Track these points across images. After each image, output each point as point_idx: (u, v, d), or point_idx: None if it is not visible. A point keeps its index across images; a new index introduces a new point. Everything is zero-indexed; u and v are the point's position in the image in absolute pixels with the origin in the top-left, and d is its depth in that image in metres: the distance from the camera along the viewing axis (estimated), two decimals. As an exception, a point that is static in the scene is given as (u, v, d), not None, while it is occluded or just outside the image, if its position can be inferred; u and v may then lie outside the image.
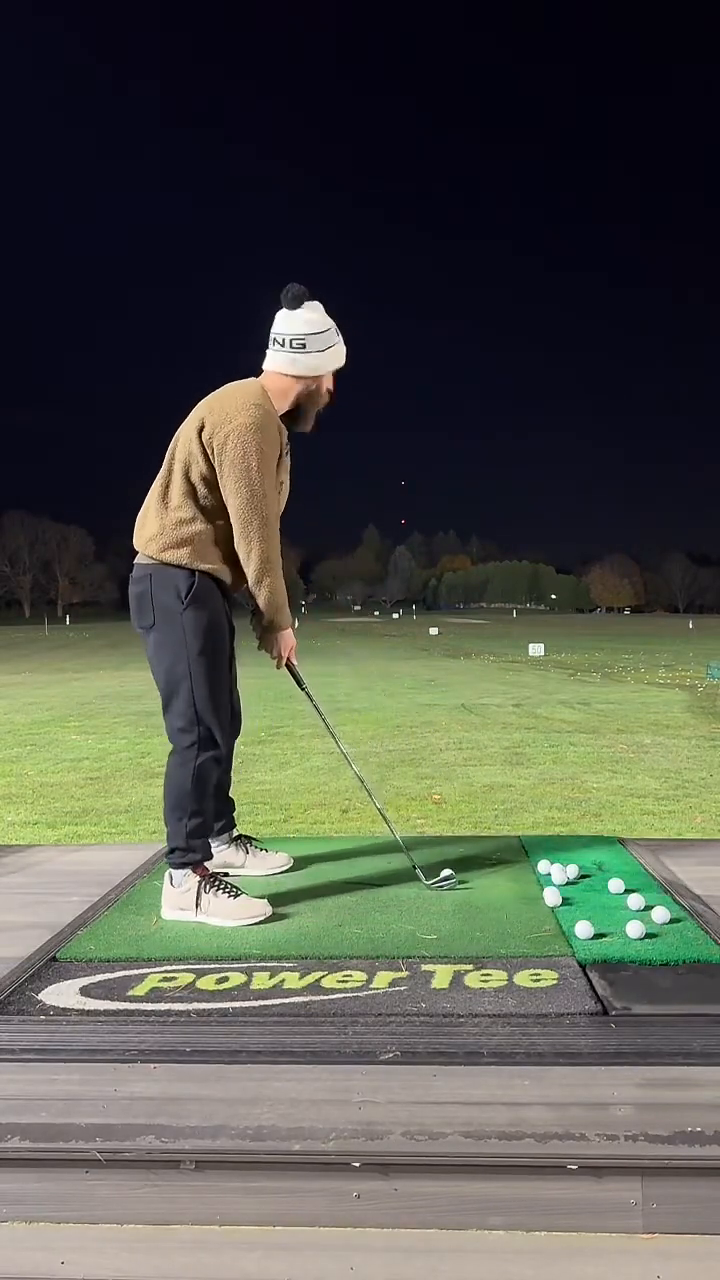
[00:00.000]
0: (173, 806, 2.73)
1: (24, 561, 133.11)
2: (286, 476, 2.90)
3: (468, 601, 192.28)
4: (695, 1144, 1.56)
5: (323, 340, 2.82)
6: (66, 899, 2.88)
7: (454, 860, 3.20)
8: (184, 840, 2.71)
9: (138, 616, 2.77)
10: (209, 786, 2.77)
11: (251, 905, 2.64)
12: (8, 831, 5.81)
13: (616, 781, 7.24)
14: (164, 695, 2.75)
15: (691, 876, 2.97)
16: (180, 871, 2.70)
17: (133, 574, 2.78)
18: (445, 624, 70.64)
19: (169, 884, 2.72)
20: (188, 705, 2.70)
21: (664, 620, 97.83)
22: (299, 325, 2.80)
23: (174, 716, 2.73)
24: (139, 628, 2.79)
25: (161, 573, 2.71)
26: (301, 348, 2.80)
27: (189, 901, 2.66)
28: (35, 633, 61.22)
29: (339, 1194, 1.60)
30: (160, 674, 2.74)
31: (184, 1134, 1.61)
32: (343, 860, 3.26)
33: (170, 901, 2.70)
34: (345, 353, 2.89)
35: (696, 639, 39.57)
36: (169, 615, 2.70)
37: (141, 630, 2.78)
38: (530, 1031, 1.89)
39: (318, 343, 2.82)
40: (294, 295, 2.78)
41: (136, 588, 2.77)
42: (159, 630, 2.72)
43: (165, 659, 2.72)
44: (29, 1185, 1.64)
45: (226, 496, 2.69)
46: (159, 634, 2.72)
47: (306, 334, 2.80)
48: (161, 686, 2.74)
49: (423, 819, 5.93)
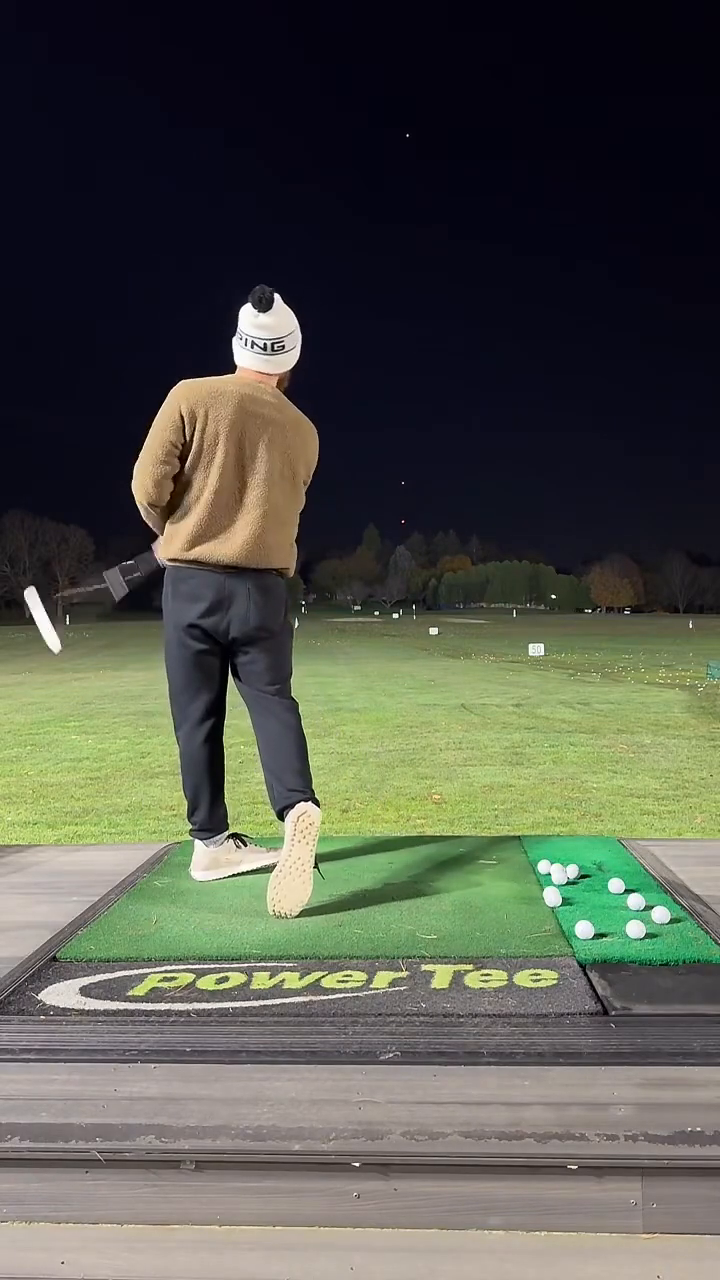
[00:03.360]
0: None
1: (24, 561, 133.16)
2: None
3: (468, 601, 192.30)
4: (695, 1144, 1.56)
5: (294, 338, 2.99)
6: (66, 899, 2.88)
7: (454, 860, 3.20)
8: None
9: (275, 619, 2.96)
10: None
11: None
12: (8, 831, 5.81)
13: (616, 781, 7.24)
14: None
15: (691, 876, 2.97)
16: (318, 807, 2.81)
17: (268, 583, 2.96)
18: (445, 624, 70.64)
19: (310, 811, 2.73)
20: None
21: (664, 620, 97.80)
22: (278, 329, 2.92)
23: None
24: (266, 629, 2.95)
25: (280, 583, 3.04)
26: (281, 349, 2.94)
27: (314, 834, 2.74)
28: (35, 633, 61.18)
29: (339, 1194, 1.60)
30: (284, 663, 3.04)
31: (184, 1134, 1.61)
32: (343, 860, 3.26)
33: (311, 828, 2.73)
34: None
35: (696, 639, 39.58)
36: (285, 626, 3.04)
37: (265, 631, 2.95)
38: (530, 1031, 1.88)
39: (291, 341, 2.98)
40: (266, 299, 2.84)
41: (277, 595, 2.98)
42: (287, 628, 3.05)
43: (290, 645, 3.08)
44: (29, 1185, 1.64)
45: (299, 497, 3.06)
46: (287, 631, 3.05)
47: (283, 336, 2.94)
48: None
49: (423, 819, 5.93)
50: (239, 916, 2.65)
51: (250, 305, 2.87)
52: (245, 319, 2.92)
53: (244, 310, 2.91)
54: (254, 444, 2.87)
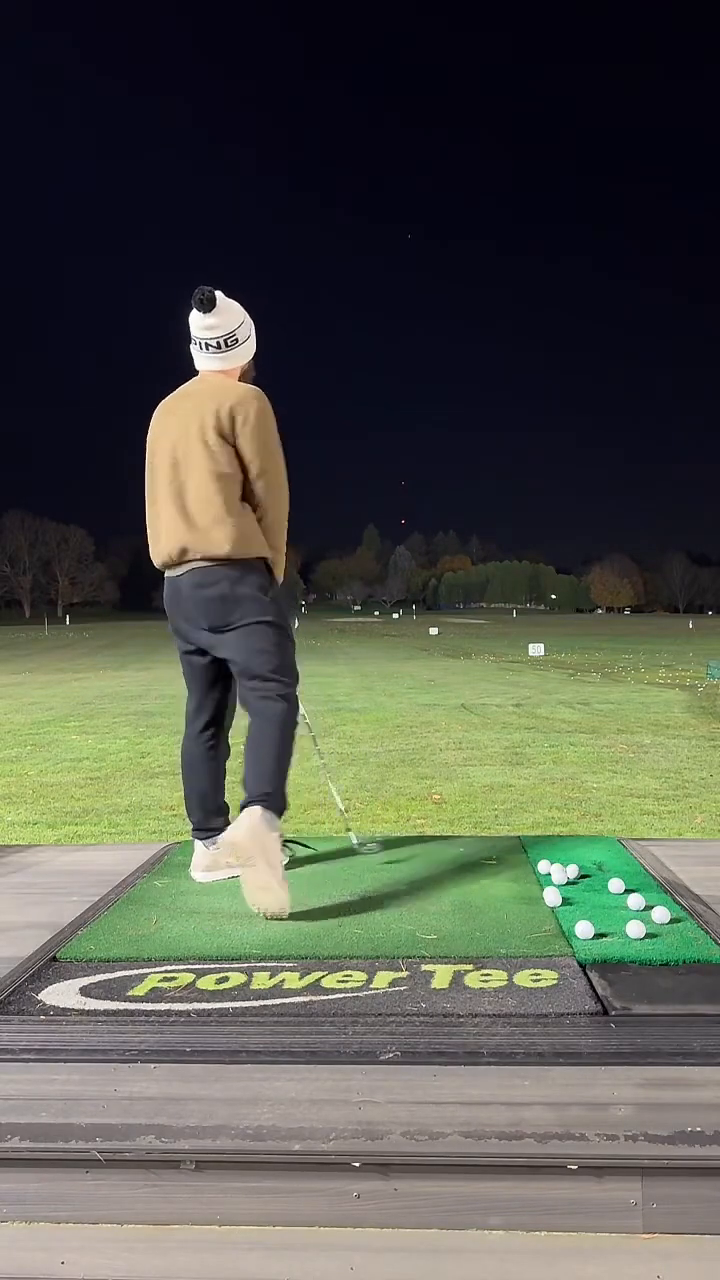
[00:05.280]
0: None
1: (24, 561, 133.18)
2: None
3: (468, 601, 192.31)
4: (695, 1144, 1.56)
5: (246, 327, 2.99)
6: (66, 899, 2.88)
7: (454, 860, 3.20)
8: (285, 785, 2.81)
9: (224, 616, 2.81)
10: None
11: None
12: (8, 831, 5.81)
13: (616, 781, 7.24)
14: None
15: (691, 876, 2.97)
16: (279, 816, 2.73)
17: (202, 578, 2.81)
18: (445, 624, 70.67)
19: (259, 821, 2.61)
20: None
21: (664, 620, 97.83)
22: (226, 325, 2.92)
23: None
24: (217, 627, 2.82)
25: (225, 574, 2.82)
26: (235, 343, 2.95)
27: (277, 843, 2.65)
28: (35, 633, 61.24)
29: (339, 1194, 1.60)
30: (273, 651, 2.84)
31: (184, 1134, 1.61)
32: (343, 860, 3.26)
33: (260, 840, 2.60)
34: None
35: (696, 639, 39.59)
36: (263, 605, 2.82)
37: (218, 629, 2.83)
38: (530, 1031, 1.88)
39: (243, 331, 2.98)
40: (208, 299, 2.85)
41: (215, 590, 2.80)
42: (255, 620, 2.81)
43: (272, 637, 2.83)
44: (29, 1185, 1.64)
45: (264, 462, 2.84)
46: (255, 623, 2.81)
47: (234, 329, 2.94)
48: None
49: (423, 819, 5.93)
50: (239, 916, 2.65)
51: (194, 309, 2.87)
52: (193, 323, 2.92)
53: (191, 315, 2.91)
54: (174, 437, 2.87)
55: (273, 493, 2.89)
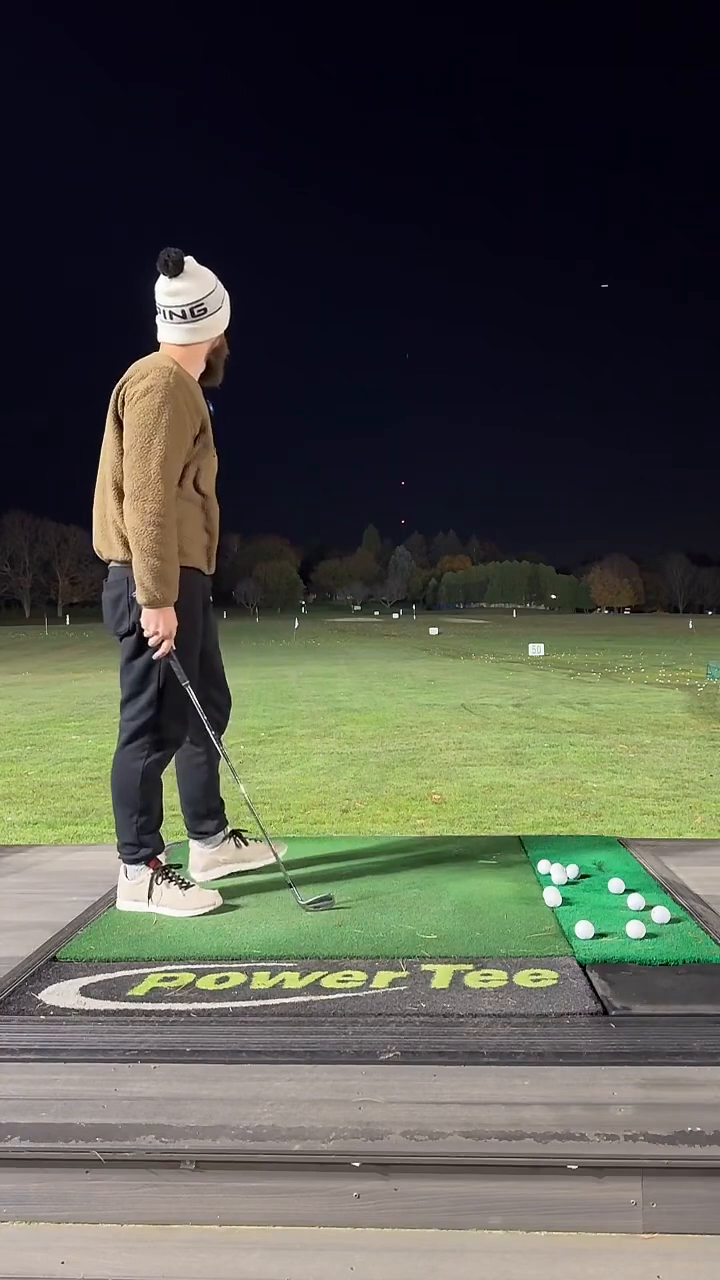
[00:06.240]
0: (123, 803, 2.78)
1: (24, 561, 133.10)
2: (210, 444, 2.83)
3: (468, 601, 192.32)
4: (695, 1144, 1.56)
5: (217, 297, 2.76)
6: (66, 899, 2.88)
7: (454, 860, 3.20)
8: (135, 836, 2.76)
9: (116, 621, 2.73)
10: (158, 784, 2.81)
11: (202, 896, 2.70)
12: (8, 831, 5.81)
13: (616, 781, 7.24)
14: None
15: (691, 876, 2.97)
16: (135, 866, 2.75)
17: (109, 577, 2.76)
18: (445, 624, 70.67)
19: (123, 876, 2.78)
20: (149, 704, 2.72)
21: (664, 620, 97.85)
22: (194, 291, 2.71)
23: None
24: (116, 633, 2.74)
25: (117, 578, 2.73)
26: (203, 312, 2.74)
27: (141, 893, 2.73)
28: (35, 633, 61.21)
29: (339, 1194, 1.60)
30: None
31: (184, 1134, 1.62)
32: (343, 860, 3.26)
33: (124, 893, 2.77)
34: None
35: (696, 639, 39.58)
36: (127, 620, 2.70)
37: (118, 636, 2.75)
38: (530, 1031, 1.89)
39: (214, 301, 2.75)
40: (175, 261, 2.65)
41: (111, 592, 2.75)
42: (122, 633, 2.71)
43: (125, 655, 2.71)
44: (29, 1185, 1.64)
45: (129, 455, 2.56)
46: (122, 636, 2.71)
47: (202, 297, 2.72)
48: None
49: (423, 819, 5.93)
50: (239, 916, 2.65)
51: (161, 274, 2.68)
52: (159, 290, 2.71)
53: (157, 283, 2.71)
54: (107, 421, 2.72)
55: (131, 500, 2.56)
